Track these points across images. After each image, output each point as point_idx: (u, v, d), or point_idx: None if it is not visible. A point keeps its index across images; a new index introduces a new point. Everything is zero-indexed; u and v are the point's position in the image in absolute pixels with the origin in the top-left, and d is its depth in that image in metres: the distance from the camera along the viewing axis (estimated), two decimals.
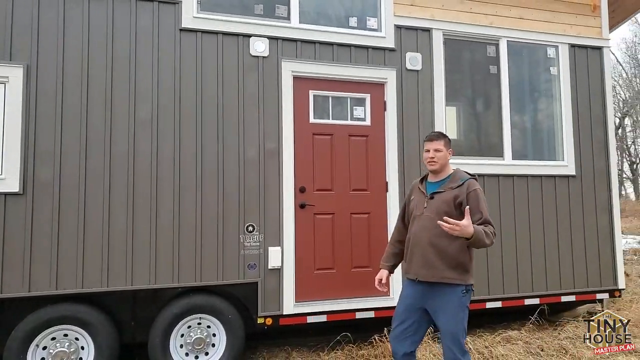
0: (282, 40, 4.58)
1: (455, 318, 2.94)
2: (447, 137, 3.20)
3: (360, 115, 4.81)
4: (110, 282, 3.97)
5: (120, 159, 4.08)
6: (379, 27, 4.91)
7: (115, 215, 4.03)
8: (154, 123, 4.19)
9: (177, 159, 4.22)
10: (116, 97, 4.12)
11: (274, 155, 4.46)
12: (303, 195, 4.55)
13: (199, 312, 4.16)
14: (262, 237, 4.36)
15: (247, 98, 4.44)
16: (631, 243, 9.78)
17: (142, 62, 4.21)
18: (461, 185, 3.03)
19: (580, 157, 5.44)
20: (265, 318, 4.32)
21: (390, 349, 4.26)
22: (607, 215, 5.48)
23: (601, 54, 5.62)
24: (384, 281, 3.31)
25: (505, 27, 5.28)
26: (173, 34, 4.31)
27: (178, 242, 4.16)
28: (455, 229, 2.75)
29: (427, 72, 5.01)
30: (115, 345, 3.94)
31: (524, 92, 5.52)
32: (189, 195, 4.22)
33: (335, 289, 4.56)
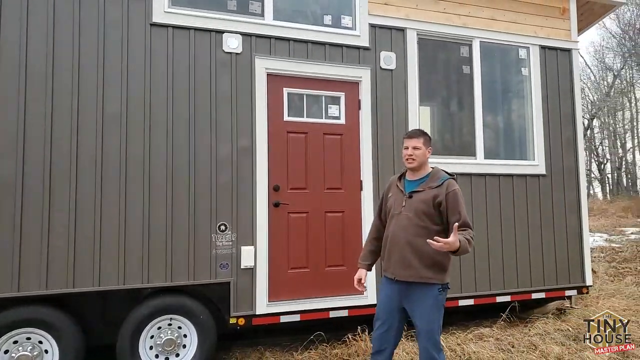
0: (255, 37, 4.52)
1: (432, 317, 2.95)
2: (427, 136, 3.18)
3: (335, 114, 4.79)
4: (76, 283, 3.85)
5: (88, 156, 3.96)
6: (353, 25, 4.89)
7: (82, 214, 3.91)
8: (123, 119, 4.09)
9: (147, 156, 4.12)
10: (83, 93, 3.99)
11: (247, 153, 4.40)
12: (277, 193, 4.50)
13: (169, 313, 4.07)
14: (234, 236, 4.30)
15: (219, 95, 4.37)
16: (598, 241, 10.04)
17: (110, 58, 4.09)
18: (440, 185, 3.02)
19: (550, 156, 5.54)
20: (237, 318, 4.26)
21: (363, 348, 4.29)
22: (576, 214, 5.59)
23: (570, 55, 5.73)
24: (363, 281, 3.29)
25: (478, 27, 5.33)
26: (143, 28, 4.21)
27: (148, 241, 4.07)
28: (444, 248, 2.74)
29: (401, 72, 5.02)
30: (81, 348, 3.82)
31: (496, 92, 5.59)
32: (159, 193, 4.13)
33: (309, 288, 4.53)
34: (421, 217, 2.99)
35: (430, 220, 3.00)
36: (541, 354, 4.28)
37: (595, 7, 6.06)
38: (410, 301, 3.02)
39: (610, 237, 10.78)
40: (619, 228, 11.90)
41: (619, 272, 7.78)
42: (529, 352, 4.31)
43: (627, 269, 7.85)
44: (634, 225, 12.35)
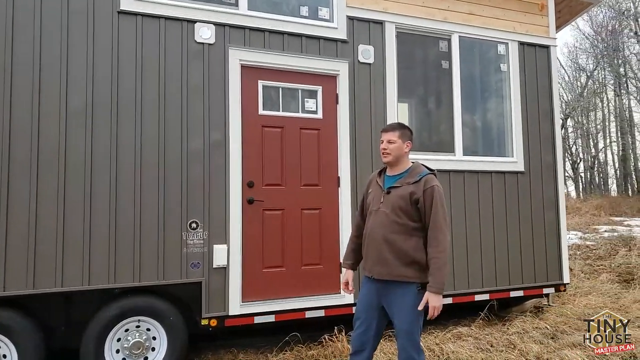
0: (229, 27, 4.35)
1: (411, 317, 2.84)
2: (404, 129, 3.05)
3: (312, 108, 4.66)
4: (37, 284, 3.64)
5: (50, 151, 3.75)
6: (331, 17, 4.76)
7: (44, 212, 3.69)
8: (89, 113, 3.88)
9: (114, 151, 3.93)
10: (45, 85, 3.78)
11: (219, 147, 4.24)
12: (251, 190, 4.35)
13: (137, 315, 3.89)
14: (206, 234, 4.13)
15: (191, 87, 4.20)
16: (573, 239, 10.13)
17: (75, 47, 3.88)
18: (418, 181, 2.91)
19: (528, 153, 5.50)
20: (209, 319, 4.10)
21: (340, 348, 4.18)
22: (554, 211, 5.57)
23: (548, 52, 5.71)
24: (350, 283, 3.17)
25: (457, 22, 5.26)
26: (110, 16, 4.00)
27: (115, 240, 3.88)
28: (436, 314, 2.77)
29: (380, 66, 4.91)
30: (42, 352, 3.63)
31: (475, 88, 5.54)
32: (126, 189, 3.94)
33: (284, 288, 4.39)
34: (398, 213, 2.88)
35: (408, 217, 2.88)
36: (520, 353, 4.23)
37: (572, 3, 6.06)
38: (389, 300, 2.92)
39: (585, 235, 10.90)
40: (593, 226, 12.06)
41: (594, 269, 7.84)
42: (508, 352, 4.25)
43: (602, 267, 7.92)
44: (607, 223, 12.55)
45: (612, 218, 13.22)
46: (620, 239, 9.26)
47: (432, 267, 2.79)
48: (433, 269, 2.79)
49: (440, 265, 2.78)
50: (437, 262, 2.78)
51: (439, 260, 2.78)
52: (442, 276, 2.77)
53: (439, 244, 2.81)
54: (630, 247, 8.65)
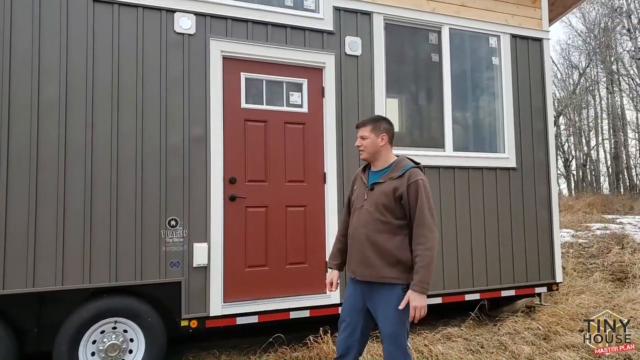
0: (210, 17, 4.19)
1: (396, 319, 2.69)
2: (377, 122, 2.88)
3: (297, 102, 4.50)
4: (6, 284, 3.49)
5: (21, 144, 3.58)
6: (316, 7, 4.60)
7: (13, 209, 3.53)
8: (62, 104, 3.72)
9: (89, 145, 3.77)
10: (16, 75, 3.61)
11: (200, 142, 4.08)
12: (233, 186, 4.19)
13: (113, 316, 3.74)
14: (186, 232, 3.98)
15: (170, 79, 4.04)
16: (565, 237, 10.02)
17: (48, 36, 3.71)
18: (402, 175, 2.75)
19: (520, 149, 5.37)
20: (189, 320, 3.95)
21: (325, 350, 4.03)
22: (547, 209, 5.44)
23: (541, 45, 5.57)
24: (334, 284, 3.01)
25: (448, 14, 5.11)
26: (85, 4, 3.84)
27: (90, 238, 3.72)
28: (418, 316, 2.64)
29: (367, 58, 4.76)
30: (13, 356, 3.48)
31: (466, 82, 5.39)
32: (102, 185, 3.78)
33: (268, 288, 4.24)
34: (382, 211, 2.73)
35: (392, 214, 2.73)
36: (511, 354, 4.10)
37: None
38: (374, 302, 2.77)
39: (577, 232, 10.80)
40: (585, 224, 11.96)
41: (587, 268, 7.73)
42: (499, 353, 4.12)
43: (594, 265, 7.81)
44: (599, 221, 12.46)
45: (605, 216, 13.14)
46: (613, 237, 9.15)
47: (417, 265, 2.63)
48: (418, 266, 2.63)
49: (426, 263, 2.62)
50: (422, 260, 2.63)
51: (425, 258, 2.63)
52: (427, 275, 2.62)
53: (426, 241, 2.66)
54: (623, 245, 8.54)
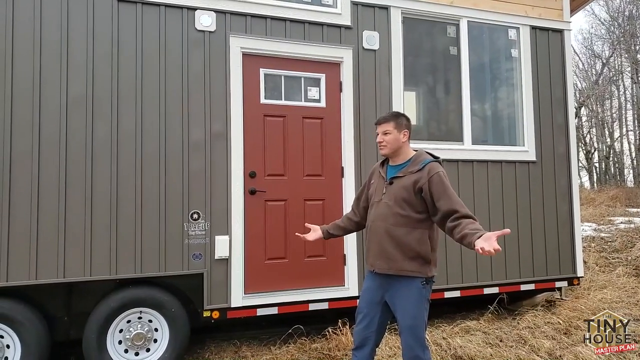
0: (230, 15, 4.26)
1: (414, 312, 2.73)
2: (398, 118, 2.91)
3: (315, 96, 4.56)
4: (39, 275, 3.63)
5: (50, 140, 3.73)
6: (334, 3, 4.64)
7: (45, 202, 3.68)
8: (89, 102, 3.84)
9: (114, 141, 3.89)
10: (45, 74, 3.74)
11: (221, 137, 4.17)
12: (253, 180, 4.27)
13: (139, 306, 3.87)
14: (208, 225, 4.08)
15: (192, 76, 4.13)
16: (587, 231, 9.87)
17: (75, 35, 3.84)
18: (421, 169, 2.78)
19: (540, 142, 5.33)
20: (211, 311, 4.05)
21: (344, 342, 4.10)
22: (567, 202, 5.40)
23: (562, 36, 5.51)
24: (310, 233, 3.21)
25: (466, 6, 5.09)
26: (110, 4, 3.95)
27: (116, 230, 3.84)
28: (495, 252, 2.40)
29: (385, 52, 4.78)
30: (45, 343, 3.63)
31: (485, 75, 5.37)
32: (127, 180, 3.90)
33: (287, 280, 4.33)
34: (402, 204, 2.77)
35: (412, 208, 2.77)
36: (531, 348, 4.10)
37: None
38: (392, 295, 2.81)
39: (599, 226, 10.63)
40: (608, 217, 11.75)
41: (610, 262, 7.62)
42: (518, 347, 4.13)
43: (617, 260, 7.69)
44: (623, 214, 12.22)
45: (629, 209, 12.87)
46: (637, 231, 8.99)
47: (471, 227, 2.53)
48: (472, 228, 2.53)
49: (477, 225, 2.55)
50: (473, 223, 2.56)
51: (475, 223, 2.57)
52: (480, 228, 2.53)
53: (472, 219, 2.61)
54: None
